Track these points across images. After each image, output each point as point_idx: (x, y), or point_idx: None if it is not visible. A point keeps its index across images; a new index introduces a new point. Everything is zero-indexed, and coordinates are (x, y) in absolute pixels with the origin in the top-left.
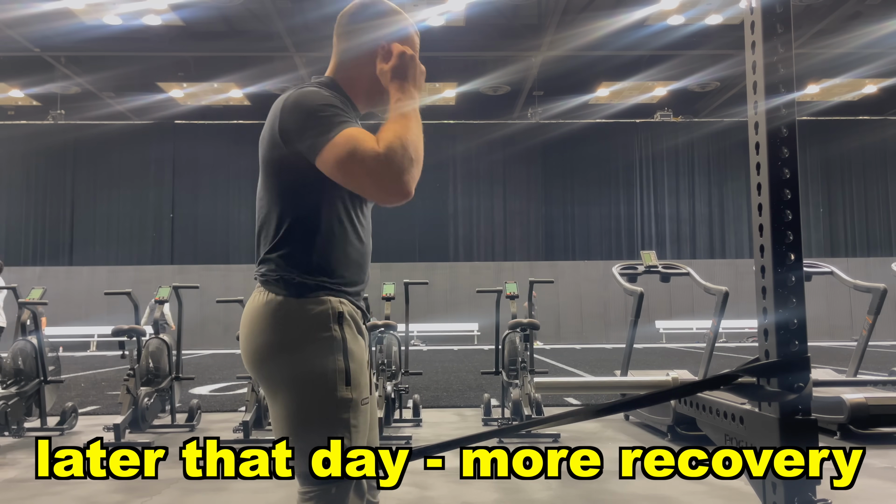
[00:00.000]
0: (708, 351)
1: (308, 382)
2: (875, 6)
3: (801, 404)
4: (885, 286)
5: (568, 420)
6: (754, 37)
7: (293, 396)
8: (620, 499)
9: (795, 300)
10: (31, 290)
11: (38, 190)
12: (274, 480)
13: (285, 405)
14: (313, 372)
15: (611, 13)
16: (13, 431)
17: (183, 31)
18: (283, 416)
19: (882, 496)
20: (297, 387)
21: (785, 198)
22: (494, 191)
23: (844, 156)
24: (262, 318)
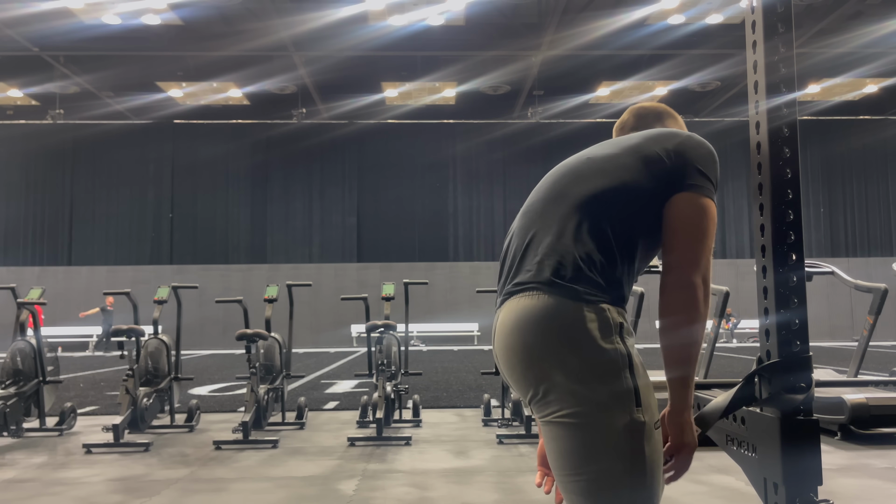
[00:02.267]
0: (708, 351)
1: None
2: (875, 6)
3: (802, 405)
4: (886, 286)
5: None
6: (755, 36)
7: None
8: None
9: (797, 300)
10: (30, 290)
11: (37, 189)
12: (273, 481)
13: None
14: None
15: (611, 12)
16: (12, 432)
17: (182, 30)
18: (566, 448)
19: (882, 496)
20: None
21: (786, 197)
22: (494, 191)
23: (845, 156)
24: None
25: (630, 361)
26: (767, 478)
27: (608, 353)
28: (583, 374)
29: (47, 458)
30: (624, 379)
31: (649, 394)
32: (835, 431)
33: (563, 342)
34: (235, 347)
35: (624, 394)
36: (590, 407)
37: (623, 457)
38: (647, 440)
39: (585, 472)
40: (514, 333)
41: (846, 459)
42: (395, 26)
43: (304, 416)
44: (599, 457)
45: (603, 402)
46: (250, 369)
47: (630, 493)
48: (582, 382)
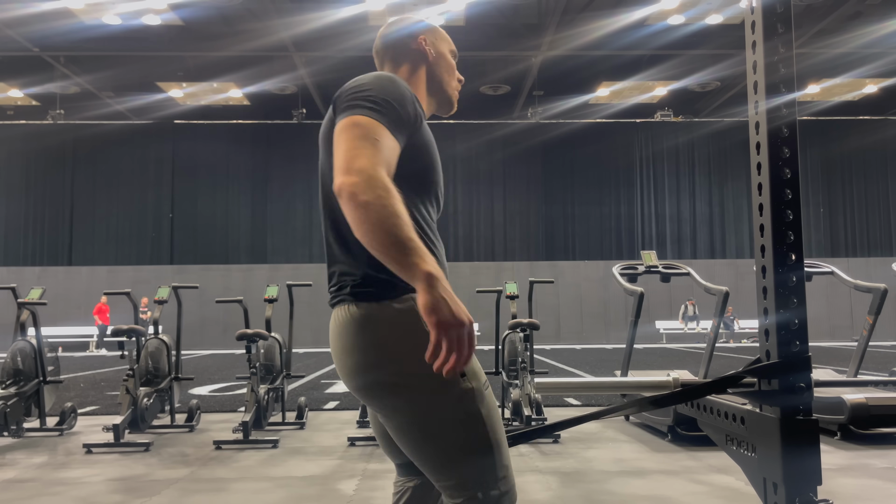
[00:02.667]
0: (708, 351)
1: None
2: (875, 6)
3: (801, 405)
4: (886, 286)
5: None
6: (755, 36)
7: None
8: (620, 499)
9: (796, 300)
10: (31, 290)
11: (38, 190)
12: (274, 480)
13: (407, 418)
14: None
15: (611, 13)
16: (12, 432)
17: (182, 30)
18: (406, 429)
19: (882, 496)
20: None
21: (786, 198)
22: (494, 191)
23: (845, 156)
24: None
25: None
26: (767, 478)
27: (424, 337)
28: (407, 361)
29: (48, 457)
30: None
31: (472, 361)
32: (834, 431)
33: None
34: (236, 347)
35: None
36: (419, 388)
37: (462, 424)
38: (480, 402)
39: (434, 446)
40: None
41: (846, 459)
42: None
43: (304, 415)
44: (442, 431)
45: (428, 380)
46: (250, 369)
47: (479, 454)
48: (406, 369)
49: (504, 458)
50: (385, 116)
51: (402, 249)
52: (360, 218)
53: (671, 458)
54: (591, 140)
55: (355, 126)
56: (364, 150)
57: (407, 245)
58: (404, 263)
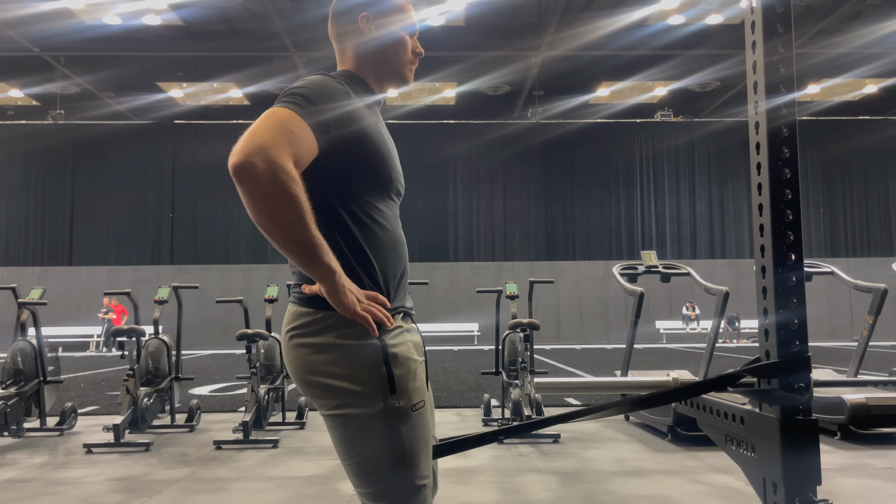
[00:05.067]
0: (708, 351)
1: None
2: (875, 6)
3: (801, 405)
4: (886, 286)
5: (607, 413)
6: (755, 36)
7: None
8: (620, 499)
9: (796, 300)
10: (31, 290)
11: (38, 190)
12: (274, 480)
13: (334, 423)
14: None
15: (611, 13)
16: (13, 432)
17: (182, 30)
18: (334, 433)
19: (882, 496)
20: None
21: (785, 198)
22: (494, 191)
23: (844, 156)
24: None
25: (385, 352)
26: (767, 477)
27: (362, 349)
28: (341, 370)
29: (48, 457)
30: (378, 368)
31: (408, 379)
32: (834, 431)
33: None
34: (236, 347)
35: (378, 383)
36: (348, 399)
37: (382, 440)
38: (404, 422)
39: (354, 456)
40: None
41: (846, 459)
42: None
43: (304, 415)
44: (363, 443)
45: (359, 393)
46: (251, 369)
47: (393, 473)
48: (340, 378)
49: (420, 472)
50: (308, 113)
51: (300, 251)
52: (265, 207)
53: (671, 458)
54: (591, 140)
55: (274, 115)
56: (276, 135)
57: (310, 242)
58: (305, 260)
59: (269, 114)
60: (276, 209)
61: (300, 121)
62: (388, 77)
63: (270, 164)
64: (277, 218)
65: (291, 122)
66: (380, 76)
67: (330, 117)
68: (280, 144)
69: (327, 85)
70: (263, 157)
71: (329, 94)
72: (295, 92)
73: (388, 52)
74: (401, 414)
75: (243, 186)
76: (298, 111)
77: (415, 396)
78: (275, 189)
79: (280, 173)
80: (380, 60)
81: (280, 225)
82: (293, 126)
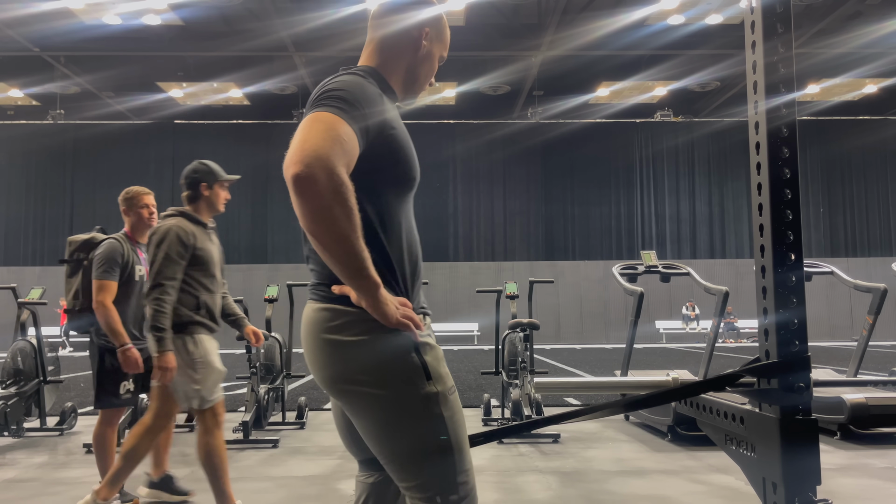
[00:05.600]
0: (708, 351)
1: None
2: (875, 6)
3: (801, 404)
4: (886, 286)
5: (605, 413)
6: (755, 36)
7: (380, 405)
8: (620, 499)
9: (796, 300)
10: (31, 290)
11: (38, 189)
12: (274, 480)
13: (374, 416)
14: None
15: (611, 13)
16: (13, 431)
17: (182, 30)
18: (372, 427)
19: (882, 496)
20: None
21: (785, 198)
22: (494, 191)
23: (844, 156)
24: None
25: (415, 342)
26: (766, 477)
27: (393, 340)
28: (375, 363)
29: (48, 457)
30: (411, 358)
31: (439, 365)
32: (834, 431)
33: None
34: (236, 347)
35: (413, 370)
36: (385, 391)
37: (425, 427)
38: (444, 405)
39: (396, 448)
40: None
41: (845, 459)
42: None
43: (304, 415)
44: (405, 432)
45: (396, 382)
46: (250, 369)
47: (440, 459)
48: (375, 371)
49: (465, 462)
50: (351, 118)
51: (350, 269)
52: (317, 214)
53: (671, 458)
54: (591, 140)
55: (314, 121)
56: (328, 142)
57: (360, 255)
58: (359, 284)
59: (316, 119)
60: (336, 222)
61: (346, 126)
62: (408, 88)
63: (331, 176)
64: (334, 231)
65: (340, 128)
66: (404, 85)
67: (371, 122)
68: (336, 154)
69: (365, 88)
70: (323, 167)
71: (368, 98)
72: (336, 95)
73: (422, 70)
74: (440, 398)
75: (303, 198)
76: (343, 116)
77: (447, 381)
78: (335, 201)
79: (340, 185)
80: (412, 73)
81: (336, 237)
82: (342, 132)
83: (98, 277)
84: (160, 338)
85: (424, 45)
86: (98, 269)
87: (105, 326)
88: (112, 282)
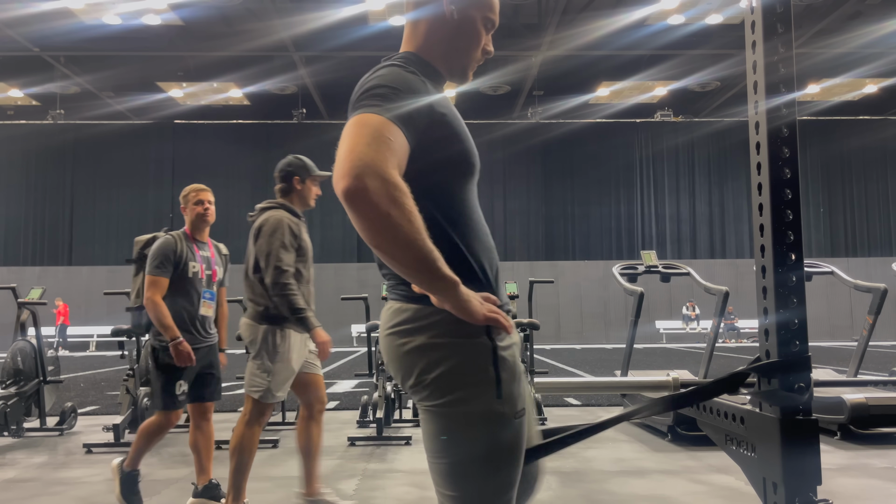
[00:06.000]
0: (708, 351)
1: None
2: (875, 6)
3: (801, 404)
4: (886, 286)
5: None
6: (755, 36)
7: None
8: (620, 499)
9: (796, 300)
10: (31, 290)
11: (38, 190)
12: (274, 480)
13: (437, 422)
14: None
15: (611, 13)
16: (12, 432)
17: (182, 30)
18: (432, 431)
19: (882, 496)
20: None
21: (786, 198)
22: (494, 191)
23: (845, 156)
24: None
25: (495, 353)
26: (767, 477)
27: (473, 347)
28: (449, 368)
29: (48, 457)
30: (487, 369)
31: (513, 383)
32: (834, 431)
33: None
34: (236, 347)
35: (485, 384)
36: (453, 397)
37: (479, 444)
38: (505, 429)
39: (447, 456)
40: None
41: (846, 459)
42: (395, 26)
43: None
44: (459, 443)
45: (465, 392)
46: None
47: (484, 479)
48: (447, 375)
49: (512, 489)
50: (397, 116)
51: (423, 274)
52: (377, 224)
53: (671, 458)
54: (591, 140)
55: (359, 125)
56: (378, 148)
57: (430, 256)
58: (435, 286)
59: (359, 123)
60: (397, 228)
61: (391, 125)
62: (453, 69)
63: (383, 181)
64: (398, 237)
65: (385, 129)
66: (446, 63)
67: (416, 113)
68: (385, 158)
69: (404, 78)
70: (374, 174)
71: (408, 88)
72: (374, 93)
73: (460, 42)
74: (503, 420)
75: (358, 211)
76: (386, 113)
77: (518, 402)
78: (391, 207)
79: (394, 190)
80: (451, 49)
81: (401, 244)
82: (388, 133)
83: (149, 273)
84: (302, 318)
85: (450, 11)
86: (150, 264)
87: (155, 321)
88: (162, 278)
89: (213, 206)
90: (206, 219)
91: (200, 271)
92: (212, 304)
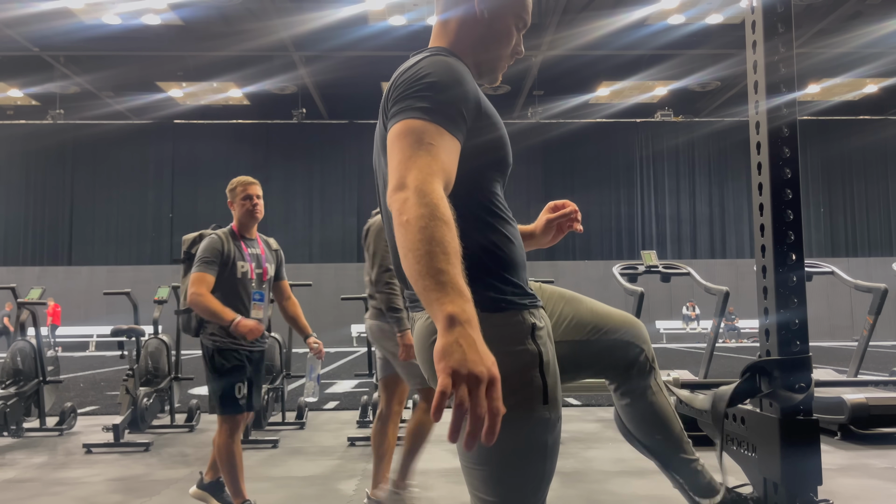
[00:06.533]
0: (708, 351)
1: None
2: (875, 6)
3: (802, 404)
4: (886, 286)
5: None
6: (755, 36)
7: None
8: (620, 499)
9: (797, 300)
10: (30, 290)
11: (37, 190)
12: (273, 480)
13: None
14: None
15: (611, 12)
16: (12, 432)
17: (182, 30)
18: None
19: (882, 496)
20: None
21: (786, 198)
22: None
23: (845, 156)
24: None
25: (541, 360)
26: (767, 477)
27: (519, 355)
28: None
29: (47, 457)
30: (533, 377)
31: (556, 388)
32: (835, 431)
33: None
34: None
35: (532, 392)
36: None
37: (525, 451)
38: (550, 434)
39: (490, 463)
40: None
41: (846, 459)
42: (395, 26)
43: (304, 415)
44: (504, 450)
45: (513, 399)
46: None
47: (528, 481)
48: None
49: (548, 482)
50: (441, 114)
51: (429, 282)
52: (399, 239)
53: None
54: (591, 140)
55: (405, 134)
56: (416, 160)
57: (436, 278)
58: (428, 298)
59: (403, 132)
60: (413, 251)
61: (437, 128)
62: (483, 68)
63: (416, 199)
64: (411, 260)
65: (427, 135)
66: (478, 65)
67: (465, 106)
68: (431, 172)
69: (451, 66)
70: (410, 194)
71: (457, 78)
72: (418, 93)
73: (492, 42)
74: (549, 426)
75: (404, 230)
76: (434, 117)
77: (560, 406)
78: (416, 230)
79: (423, 209)
80: (482, 49)
81: (420, 271)
82: (432, 137)
83: (195, 270)
84: (398, 318)
85: (481, 11)
86: (196, 262)
87: (205, 314)
88: (208, 275)
89: (261, 201)
90: (255, 215)
91: (250, 271)
92: (262, 306)
